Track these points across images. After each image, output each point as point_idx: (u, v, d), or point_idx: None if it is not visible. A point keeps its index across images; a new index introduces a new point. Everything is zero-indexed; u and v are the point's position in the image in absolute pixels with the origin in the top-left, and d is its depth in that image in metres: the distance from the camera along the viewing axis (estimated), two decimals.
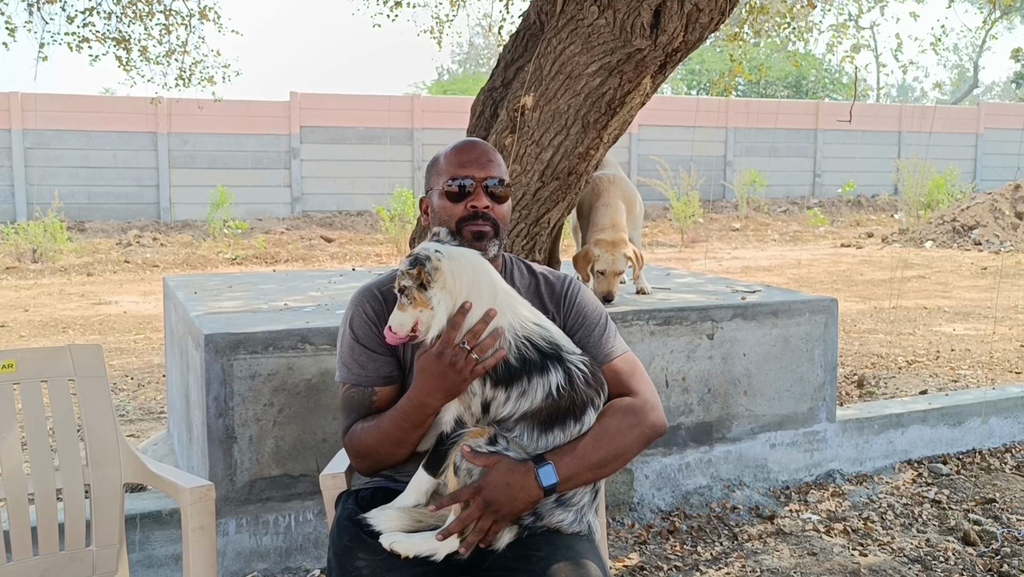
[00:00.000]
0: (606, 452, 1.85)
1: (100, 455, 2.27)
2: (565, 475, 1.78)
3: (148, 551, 2.92)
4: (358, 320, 2.01)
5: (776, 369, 3.79)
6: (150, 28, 6.85)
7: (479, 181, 2.01)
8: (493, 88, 3.94)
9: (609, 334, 2.05)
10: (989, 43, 37.28)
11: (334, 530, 1.95)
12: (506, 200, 2.06)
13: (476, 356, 1.76)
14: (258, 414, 3.00)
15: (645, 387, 2.00)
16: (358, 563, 1.81)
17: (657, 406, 1.99)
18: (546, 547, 1.79)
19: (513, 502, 1.75)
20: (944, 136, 21.72)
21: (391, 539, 1.78)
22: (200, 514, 2.09)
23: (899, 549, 3.28)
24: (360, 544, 1.84)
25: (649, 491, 3.61)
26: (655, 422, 1.96)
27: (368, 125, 17.67)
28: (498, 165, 2.06)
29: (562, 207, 3.69)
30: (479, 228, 1.99)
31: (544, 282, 2.12)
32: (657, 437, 1.99)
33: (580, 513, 1.87)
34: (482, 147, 2.08)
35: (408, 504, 1.84)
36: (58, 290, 10.31)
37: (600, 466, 1.84)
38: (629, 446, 1.90)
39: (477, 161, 2.04)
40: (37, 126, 15.80)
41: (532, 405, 1.79)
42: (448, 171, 2.04)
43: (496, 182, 2.03)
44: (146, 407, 5.24)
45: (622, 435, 1.88)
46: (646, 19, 3.22)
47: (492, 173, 2.04)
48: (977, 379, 5.75)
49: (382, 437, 1.90)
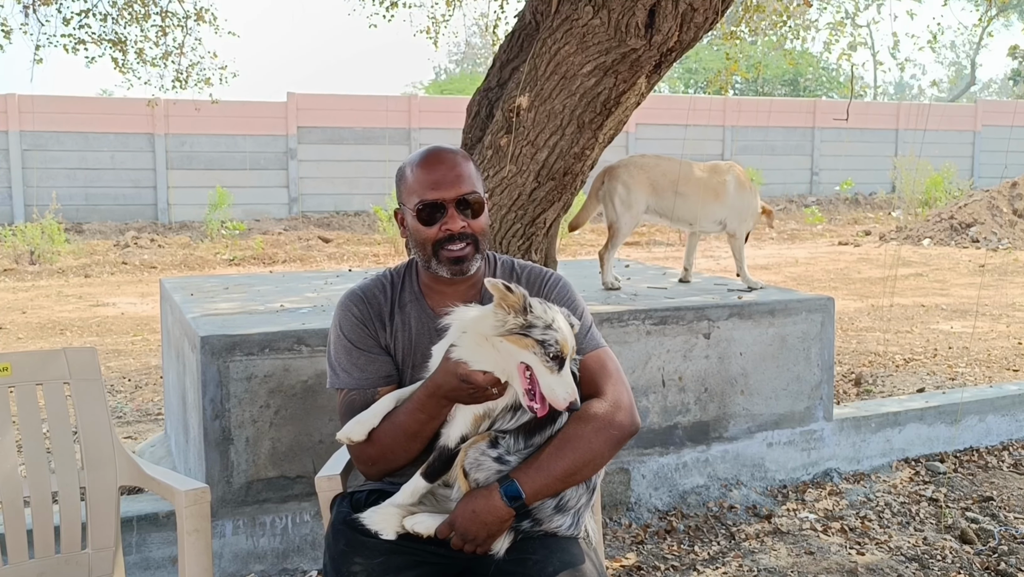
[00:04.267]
0: (571, 460, 1.79)
1: (96, 458, 2.27)
2: (531, 490, 1.77)
3: (145, 553, 2.91)
4: (348, 324, 2.00)
5: (773, 368, 3.79)
6: (146, 30, 6.84)
7: (450, 202, 1.93)
8: (489, 88, 3.93)
9: (583, 330, 1.97)
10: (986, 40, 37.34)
11: (329, 534, 1.94)
12: (482, 210, 1.98)
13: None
14: (254, 416, 3.00)
15: (612, 386, 1.92)
16: (354, 567, 1.81)
17: (625, 405, 1.90)
18: (541, 550, 1.79)
19: (486, 527, 1.76)
20: (941, 134, 21.73)
21: (413, 520, 1.79)
22: (195, 517, 2.09)
23: (896, 548, 3.28)
24: (356, 548, 1.84)
25: (646, 491, 3.61)
26: (622, 423, 1.87)
27: (365, 125, 17.66)
28: (468, 177, 1.96)
29: (558, 207, 3.69)
30: (456, 254, 1.93)
31: (527, 279, 2.08)
32: (628, 438, 1.91)
33: (577, 515, 1.87)
34: (450, 161, 1.97)
35: (403, 504, 1.85)
36: (56, 292, 10.29)
37: (568, 475, 1.80)
38: (596, 451, 1.83)
39: (445, 178, 1.93)
40: (34, 128, 15.77)
41: (528, 416, 1.80)
42: (418, 192, 1.95)
43: (468, 197, 1.94)
44: (143, 409, 5.23)
45: (586, 441, 1.82)
46: (641, 19, 3.22)
47: (463, 190, 1.94)
48: (975, 377, 5.75)
49: (396, 433, 1.85)
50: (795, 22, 8.02)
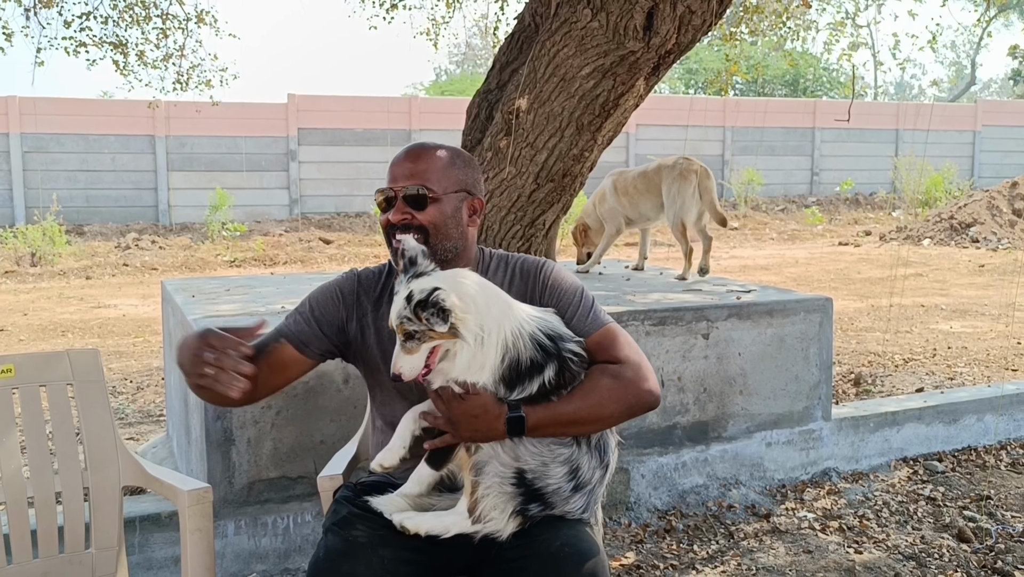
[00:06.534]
0: (578, 406, 1.83)
1: (99, 458, 2.29)
2: (534, 420, 1.80)
3: (147, 553, 2.93)
4: (326, 293, 2.10)
5: (772, 368, 3.81)
6: (147, 32, 6.87)
7: (397, 192, 2.01)
8: (488, 90, 3.96)
9: (584, 310, 2.01)
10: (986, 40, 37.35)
11: (332, 506, 2.00)
12: (427, 205, 2.00)
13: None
14: (256, 416, 3.01)
15: (630, 354, 1.95)
16: (355, 532, 1.84)
17: (648, 376, 1.93)
18: (548, 530, 1.82)
19: (473, 423, 1.79)
20: (941, 134, 21.74)
21: (401, 516, 1.81)
22: (198, 516, 2.11)
23: (894, 546, 3.30)
24: (360, 518, 1.88)
25: (646, 490, 3.62)
26: (641, 390, 1.90)
27: (366, 126, 17.69)
28: (422, 173, 2.01)
29: (557, 208, 3.71)
30: (396, 245, 1.96)
31: (520, 270, 2.11)
32: (646, 408, 1.93)
33: (590, 496, 1.88)
34: (414, 155, 2.05)
35: (411, 493, 1.88)
36: (57, 293, 10.32)
37: (572, 421, 1.83)
38: (608, 411, 1.86)
39: (401, 171, 2.03)
40: (35, 130, 15.81)
41: (529, 395, 1.83)
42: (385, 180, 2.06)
43: (416, 189, 1.99)
44: (145, 410, 5.25)
45: (598, 393, 1.85)
46: (639, 21, 3.24)
47: (409, 182, 2.01)
48: (973, 377, 5.77)
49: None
50: (795, 23, 8.04)
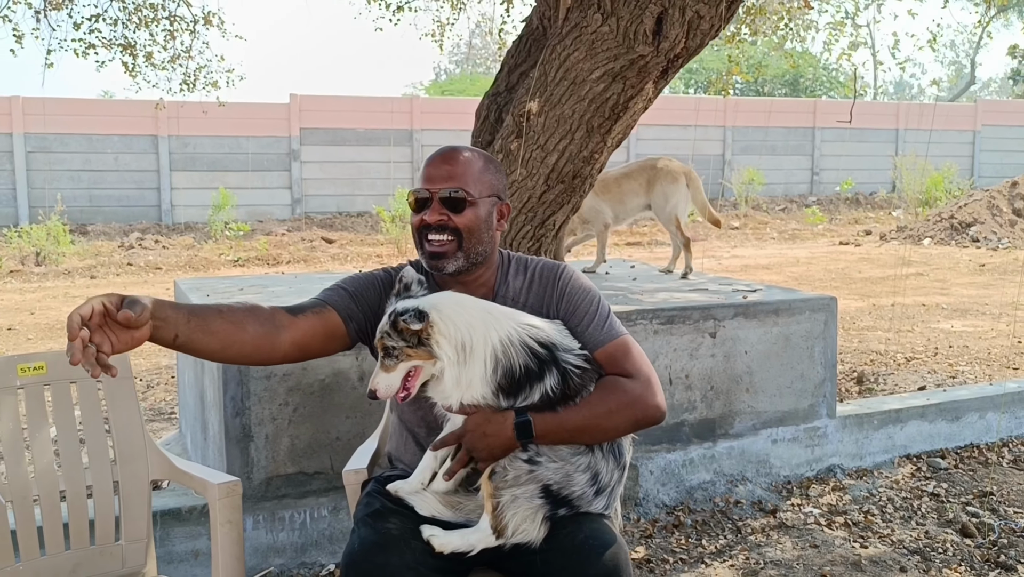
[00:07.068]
0: (586, 416, 1.89)
1: (128, 453, 2.35)
2: (541, 429, 1.85)
3: (168, 547, 2.99)
4: (366, 276, 2.16)
5: (777, 366, 3.87)
6: (155, 34, 6.93)
7: (434, 194, 2.04)
8: (497, 93, 4.02)
9: (600, 320, 2.04)
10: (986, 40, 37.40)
11: (363, 500, 2.06)
12: (465, 208, 2.03)
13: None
14: (274, 413, 3.08)
15: (640, 368, 1.99)
16: (388, 524, 1.90)
17: (657, 391, 1.98)
18: (571, 524, 1.88)
19: (489, 446, 1.85)
20: (942, 133, 21.78)
21: (429, 532, 1.87)
22: (227, 509, 2.17)
23: (899, 541, 3.36)
24: (392, 511, 1.94)
25: (654, 486, 3.69)
26: (651, 405, 1.96)
27: (368, 126, 17.73)
28: (460, 176, 2.04)
29: (567, 209, 3.77)
30: (435, 249, 2.03)
31: (538, 275, 2.16)
32: (652, 423, 1.98)
33: (611, 495, 1.95)
34: (451, 158, 2.07)
35: (441, 491, 1.94)
36: (62, 293, 10.37)
37: (579, 431, 1.89)
38: (613, 423, 1.92)
39: (437, 173, 2.05)
40: (39, 130, 15.85)
41: (532, 403, 1.88)
42: (419, 180, 2.09)
43: (451, 192, 2.02)
44: (156, 408, 5.31)
45: (607, 405, 1.91)
46: (649, 26, 3.30)
47: (448, 184, 2.03)
48: (975, 375, 5.83)
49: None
50: (795, 23, 8.09)
